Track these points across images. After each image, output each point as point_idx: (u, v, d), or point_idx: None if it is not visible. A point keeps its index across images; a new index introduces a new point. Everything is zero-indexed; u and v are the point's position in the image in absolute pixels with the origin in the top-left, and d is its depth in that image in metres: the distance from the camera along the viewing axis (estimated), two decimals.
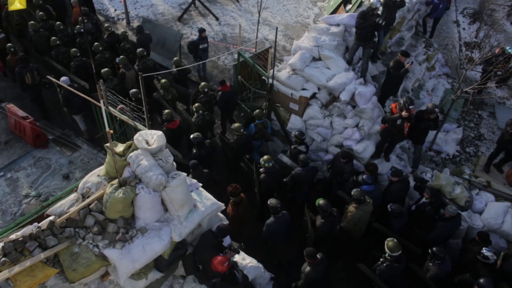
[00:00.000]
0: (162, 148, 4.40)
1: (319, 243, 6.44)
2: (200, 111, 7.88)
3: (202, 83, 8.48)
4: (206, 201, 4.85)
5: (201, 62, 9.82)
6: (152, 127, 6.35)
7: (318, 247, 6.10)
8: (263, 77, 8.80)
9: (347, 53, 8.71)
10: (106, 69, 8.56)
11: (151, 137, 4.35)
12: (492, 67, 8.77)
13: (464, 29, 14.08)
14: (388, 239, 5.73)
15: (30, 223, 4.73)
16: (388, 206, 6.59)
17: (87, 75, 8.77)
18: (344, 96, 7.84)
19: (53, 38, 9.26)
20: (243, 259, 5.43)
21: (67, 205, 4.50)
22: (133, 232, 4.33)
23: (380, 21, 7.74)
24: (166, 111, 7.72)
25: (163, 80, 8.52)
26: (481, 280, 5.33)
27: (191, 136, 7.24)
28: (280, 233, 6.25)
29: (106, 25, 10.21)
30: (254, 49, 9.56)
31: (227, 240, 5.20)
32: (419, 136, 7.88)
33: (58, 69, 9.03)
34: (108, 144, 4.26)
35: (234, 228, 6.09)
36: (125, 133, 7.36)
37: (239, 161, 8.16)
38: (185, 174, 4.45)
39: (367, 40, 8.00)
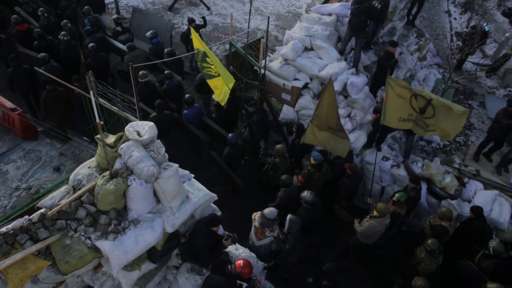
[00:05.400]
0: (154, 139, 4.38)
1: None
2: (46, 14, 8.95)
3: None
4: (198, 192, 4.85)
5: (191, 53, 9.72)
6: None
7: None
8: (255, 67, 8.75)
9: (339, 43, 8.68)
10: None
11: (142, 128, 4.32)
12: (471, 45, 8.76)
13: (455, 19, 14.11)
14: None
15: (21, 215, 4.69)
16: None
17: None
18: (336, 86, 7.82)
19: None
20: (236, 249, 5.47)
21: (58, 198, 4.46)
22: (126, 223, 4.32)
23: (376, 4, 7.68)
24: (14, 15, 8.77)
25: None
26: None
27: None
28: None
29: None
30: (246, 39, 9.49)
31: (220, 231, 5.22)
32: None
33: None
34: (99, 136, 4.22)
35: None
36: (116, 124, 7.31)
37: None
38: (177, 165, 4.44)
39: (360, 30, 7.97)
